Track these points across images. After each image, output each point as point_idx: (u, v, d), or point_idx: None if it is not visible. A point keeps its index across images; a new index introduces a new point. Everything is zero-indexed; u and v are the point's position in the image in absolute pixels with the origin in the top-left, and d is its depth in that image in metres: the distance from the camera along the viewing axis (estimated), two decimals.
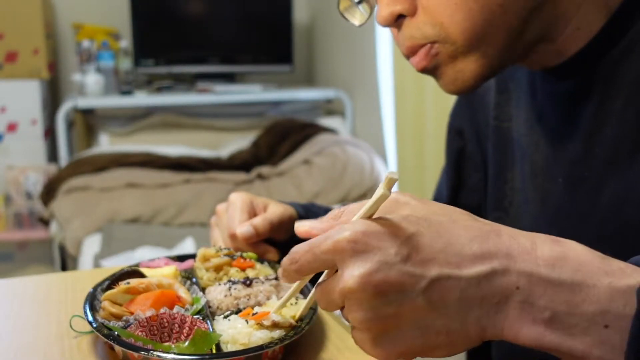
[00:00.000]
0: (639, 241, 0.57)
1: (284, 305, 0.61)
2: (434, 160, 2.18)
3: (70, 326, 0.67)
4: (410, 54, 0.61)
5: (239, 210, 0.77)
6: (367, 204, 0.45)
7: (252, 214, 0.78)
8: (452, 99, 0.90)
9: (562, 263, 0.43)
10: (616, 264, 0.43)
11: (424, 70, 0.62)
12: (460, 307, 0.43)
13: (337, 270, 0.44)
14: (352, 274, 0.42)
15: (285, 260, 0.47)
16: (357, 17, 0.64)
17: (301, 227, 0.52)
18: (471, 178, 0.85)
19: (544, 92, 0.67)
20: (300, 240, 0.81)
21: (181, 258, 0.79)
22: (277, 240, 0.80)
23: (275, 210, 0.79)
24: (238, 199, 0.79)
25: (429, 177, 2.24)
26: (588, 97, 0.61)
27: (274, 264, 0.76)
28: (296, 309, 0.62)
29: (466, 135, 0.84)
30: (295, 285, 0.54)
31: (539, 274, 0.43)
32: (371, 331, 0.43)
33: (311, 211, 0.85)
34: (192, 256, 0.78)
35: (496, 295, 0.43)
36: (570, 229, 0.64)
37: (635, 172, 0.57)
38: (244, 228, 0.75)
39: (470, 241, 0.44)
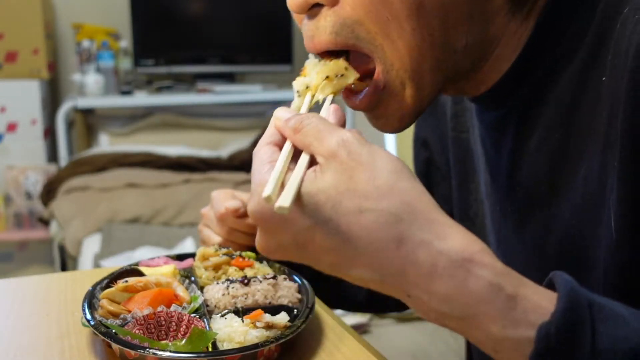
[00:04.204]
0: None
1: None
2: None
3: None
4: (324, 48, 0.57)
5: (222, 198, 0.79)
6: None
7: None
8: None
9: (456, 298, 0.43)
10: (522, 307, 0.42)
11: (363, 109, 0.58)
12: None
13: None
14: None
15: (291, 118, 0.50)
16: None
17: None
18: (440, 187, 0.84)
19: (478, 118, 0.66)
20: None
21: (180, 257, 0.79)
22: None
23: None
24: (220, 192, 0.81)
25: None
26: (507, 131, 0.61)
27: (273, 264, 0.76)
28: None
29: (431, 146, 0.84)
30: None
31: (429, 306, 0.44)
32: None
33: None
34: (192, 255, 0.78)
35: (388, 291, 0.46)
36: (507, 254, 0.64)
37: (551, 214, 0.57)
38: (231, 202, 0.77)
39: (365, 248, 0.44)
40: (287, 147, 0.49)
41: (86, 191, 2.49)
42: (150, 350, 0.57)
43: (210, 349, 0.59)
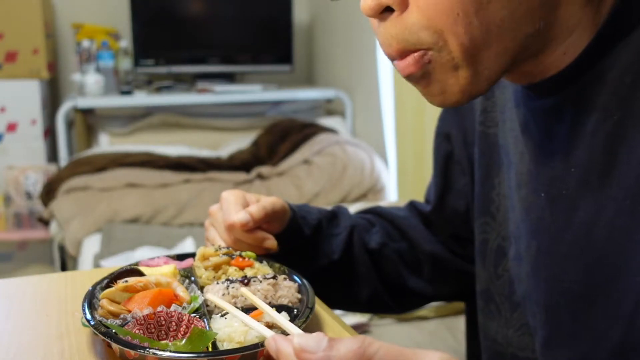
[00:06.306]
0: (604, 264, 0.58)
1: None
2: None
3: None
4: (398, 57, 0.59)
5: (232, 203, 0.79)
6: None
7: (246, 205, 0.80)
8: None
9: None
10: None
11: (410, 77, 0.59)
12: None
13: None
14: None
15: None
16: None
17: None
18: (459, 182, 0.86)
19: (526, 106, 0.67)
20: (293, 233, 0.82)
21: (180, 257, 0.79)
22: (270, 233, 0.81)
23: (267, 199, 0.81)
24: (230, 195, 0.81)
25: (429, 177, 2.24)
26: (563, 117, 0.62)
27: (273, 263, 0.76)
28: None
29: (453, 140, 0.85)
30: None
31: None
32: None
33: (303, 209, 0.87)
34: (192, 255, 0.78)
35: None
36: (547, 242, 0.64)
37: (604, 196, 0.58)
38: (240, 215, 0.77)
39: None
40: None
41: (86, 191, 2.48)
42: (150, 350, 0.57)
43: (210, 349, 0.59)
